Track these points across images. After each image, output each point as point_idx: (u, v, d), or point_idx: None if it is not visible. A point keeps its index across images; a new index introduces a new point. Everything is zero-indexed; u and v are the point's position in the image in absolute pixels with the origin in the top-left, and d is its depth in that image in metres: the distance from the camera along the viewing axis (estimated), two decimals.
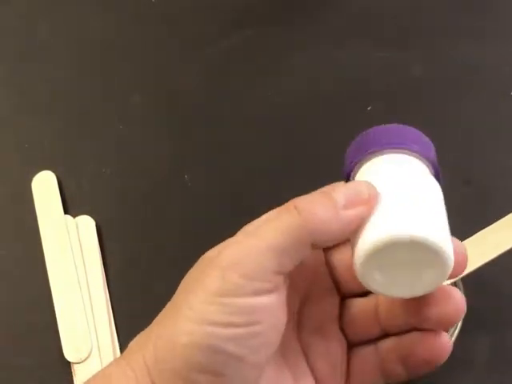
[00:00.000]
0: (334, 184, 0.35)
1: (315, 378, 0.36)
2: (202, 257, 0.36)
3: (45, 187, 0.66)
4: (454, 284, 0.55)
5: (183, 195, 0.67)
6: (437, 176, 0.37)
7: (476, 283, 0.56)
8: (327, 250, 0.38)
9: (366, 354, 0.37)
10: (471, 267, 0.53)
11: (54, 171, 0.67)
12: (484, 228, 0.55)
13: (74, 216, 0.64)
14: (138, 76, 0.75)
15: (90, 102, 0.73)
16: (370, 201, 0.33)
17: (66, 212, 0.64)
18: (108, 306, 0.60)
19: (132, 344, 0.35)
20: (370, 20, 0.79)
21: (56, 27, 0.79)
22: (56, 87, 0.75)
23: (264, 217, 0.35)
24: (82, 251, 0.62)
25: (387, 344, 0.37)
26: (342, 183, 0.35)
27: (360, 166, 0.36)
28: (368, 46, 0.76)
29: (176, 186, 0.68)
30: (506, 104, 0.72)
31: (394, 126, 0.36)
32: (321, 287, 0.37)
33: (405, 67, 0.75)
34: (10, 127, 0.72)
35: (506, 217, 0.55)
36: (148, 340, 0.33)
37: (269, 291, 0.32)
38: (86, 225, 0.64)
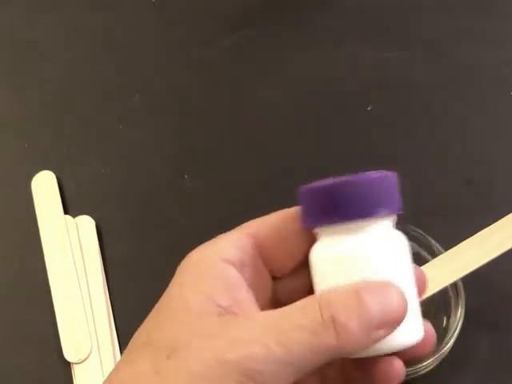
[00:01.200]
0: (365, 283, 0.31)
1: None
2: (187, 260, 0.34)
3: (45, 187, 0.66)
4: (455, 284, 0.55)
5: (183, 195, 0.67)
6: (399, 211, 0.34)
7: (476, 283, 0.56)
8: None
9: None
10: (472, 267, 0.53)
11: (54, 171, 0.67)
12: (484, 228, 0.55)
13: (74, 216, 0.64)
14: (138, 76, 0.75)
15: (90, 101, 0.73)
16: (400, 318, 0.31)
17: (65, 212, 0.64)
18: (108, 306, 0.60)
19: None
20: (370, 20, 0.79)
21: (56, 27, 0.79)
22: (56, 87, 0.75)
23: (295, 312, 0.30)
24: (81, 251, 0.62)
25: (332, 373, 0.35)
26: (372, 284, 0.31)
27: (320, 232, 0.33)
28: (368, 46, 0.76)
29: (176, 186, 0.68)
30: (506, 104, 0.72)
31: (352, 182, 0.32)
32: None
33: (405, 67, 0.75)
34: (10, 127, 0.72)
35: (506, 217, 0.55)
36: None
37: None
38: (86, 225, 0.64)
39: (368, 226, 0.32)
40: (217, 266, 0.33)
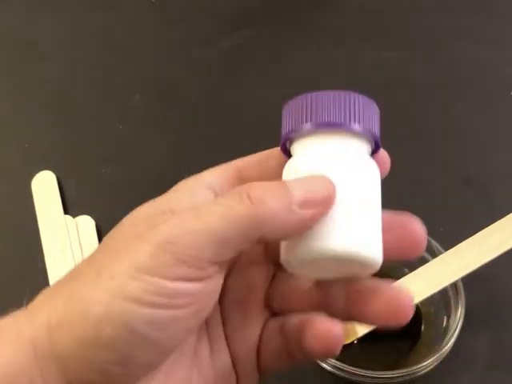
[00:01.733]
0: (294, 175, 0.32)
1: (230, 352, 0.34)
2: (140, 209, 0.34)
3: (45, 187, 0.66)
4: (455, 284, 0.55)
5: None
6: (377, 145, 0.33)
7: (476, 283, 0.56)
8: None
9: (273, 331, 0.34)
10: (471, 267, 0.53)
11: (54, 171, 0.67)
12: (484, 228, 0.55)
13: (74, 216, 0.64)
14: (138, 76, 0.75)
15: (90, 102, 0.73)
16: (327, 203, 0.31)
17: (65, 212, 0.64)
18: None
19: (39, 297, 0.32)
20: (370, 20, 0.79)
21: (56, 27, 0.79)
22: (56, 87, 0.75)
23: (218, 198, 0.32)
24: (81, 251, 0.62)
25: (292, 320, 0.34)
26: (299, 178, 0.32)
27: (296, 141, 0.33)
28: (368, 46, 0.76)
29: None
30: (506, 104, 0.72)
31: (332, 94, 0.33)
32: (250, 257, 0.35)
33: (405, 67, 0.75)
34: (10, 127, 0.72)
35: (506, 217, 0.55)
36: (57, 296, 0.31)
37: (199, 279, 0.30)
38: (86, 225, 0.64)
39: (342, 140, 0.32)
40: (195, 191, 0.34)
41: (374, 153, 0.33)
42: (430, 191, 0.66)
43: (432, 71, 0.74)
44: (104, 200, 0.67)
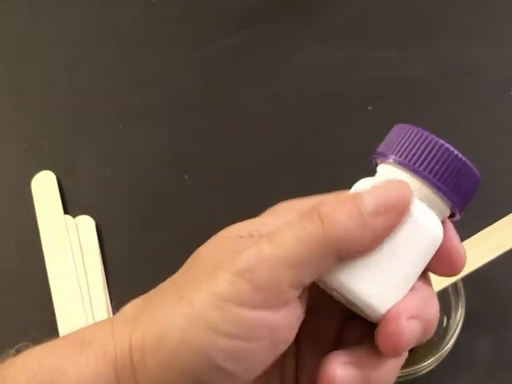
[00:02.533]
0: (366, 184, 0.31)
1: None
2: (231, 228, 0.33)
3: (45, 187, 0.66)
4: (455, 284, 0.55)
5: (183, 195, 0.67)
6: (454, 215, 0.32)
7: (476, 283, 0.56)
8: None
9: None
10: (471, 267, 0.53)
11: (54, 171, 0.67)
12: (484, 228, 0.55)
13: (74, 216, 0.64)
14: (138, 76, 0.75)
15: (89, 102, 0.73)
16: (402, 206, 0.30)
17: (65, 212, 0.64)
18: (108, 306, 0.60)
19: (125, 311, 0.32)
20: (370, 20, 0.79)
21: (56, 27, 0.79)
22: (56, 87, 0.75)
23: (286, 220, 0.31)
24: (81, 251, 0.62)
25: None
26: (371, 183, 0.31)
27: (386, 162, 0.32)
28: (368, 46, 0.76)
29: (176, 186, 0.68)
30: (506, 104, 0.72)
31: (448, 151, 0.30)
32: (330, 300, 0.33)
33: (405, 67, 0.75)
34: (10, 127, 0.72)
35: (506, 217, 0.55)
36: (141, 318, 0.31)
37: (277, 305, 0.29)
38: (86, 225, 0.64)
39: (423, 193, 0.31)
40: (286, 213, 0.33)
41: (452, 216, 0.32)
42: None
43: (432, 71, 0.74)
44: (104, 200, 0.67)
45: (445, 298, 0.55)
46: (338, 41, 0.77)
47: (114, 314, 0.59)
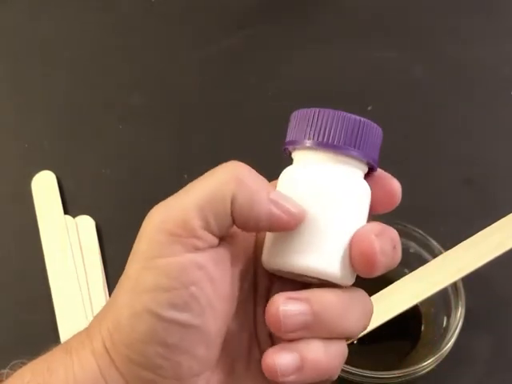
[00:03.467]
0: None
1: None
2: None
3: (45, 187, 0.66)
4: (455, 284, 0.55)
5: None
6: (373, 167, 0.35)
7: (476, 283, 0.56)
8: None
9: None
10: (471, 267, 0.53)
11: (54, 171, 0.67)
12: (484, 228, 0.55)
13: (74, 216, 0.64)
14: (138, 76, 0.75)
15: (90, 102, 0.73)
16: (293, 216, 0.32)
17: (65, 212, 0.64)
18: None
19: (94, 317, 0.34)
20: (370, 20, 0.79)
21: (56, 27, 0.79)
22: (56, 87, 0.75)
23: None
24: (81, 251, 0.62)
25: None
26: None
27: (298, 150, 0.36)
28: (368, 46, 0.76)
29: (176, 186, 0.67)
30: (506, 104, 0.72)
31: (337, 115, 0.34)
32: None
33: (405, 67, 0.75)
34: (9, 127, 0.72)
35: (506, 217, 0.55)
36: (104, 314, 0.33)
37: (200, 249, 0.31)
38: (86, 225, 0.64)
39: (338, 161, 0.34)
40: None
41: (371, 171, 0.35)
42: (430, 191, 0.66)
43: (432, 71, 0.74)
44: (104, 200, 0.67)
45: (445, 297, 0.55)
46: (338, 41, 0.77)
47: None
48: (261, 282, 0.35)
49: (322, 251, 0.33)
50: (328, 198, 0.33)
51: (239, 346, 0.34)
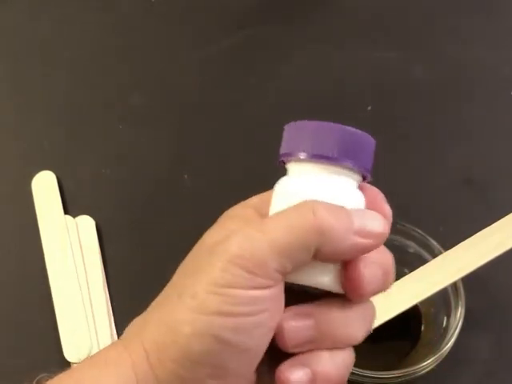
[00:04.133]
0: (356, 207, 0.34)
1: None
2: (202, 240, 0.36)
3: (45, 187, 0.66)
4: (455, 284, 0.55)
5: (183, 195, 0.67)
6: (365, 176, 0.36)
7: (476, 283, 0.56)
8: None
9: None
10: (472, 267, 0.53)
11: (54, 171, 0.67)
12: (484, 228, 0.55)
13: (74, 216, 0.64)
14: (138, 76, 0.75)
15: (90, 102, 0.73)
16: (382, 238, 0.33)
17: (66, 212, 0.64)
18: (108, 306, 0.60)
19: (129, 329, 0.35)
20: (370, 20, 0.79)
21: (56, 27, 0.79)
22: (56, 87, 0.75)
23: (280, 211, 0.34)
24: (81, 251, 0.62)
25: None
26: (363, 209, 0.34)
27: (292, 162, 0.36)
28: (368, 46, 0.76)
29: (176, 186, 0.68)
30: (506, 104, 0.72)
31: (330, 127, 0.35)
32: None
33: (405, 67, 0.75)
34: (10, 127, 0.72)
35: (506, 217, 0.55)
36: (146, 325, 0.33)
37: (268, 287, 0.32)
38: (86, 225, 0.64)
39: (333, 172, 0.34)
40: (237, 210, 0.38)
41: (364, 179, 0.36)
42: (430, 191, 0.66)
43: (432, 71, 0.74)
44: (104, 200, 0.67)
45: (445, 297, 0.56)
46: (338, 41, 0.77)
47: (113, 313, 0.60)
48: None
49: (322, 264, 0.33)
50: None
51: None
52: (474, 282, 0.55)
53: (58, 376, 0.34)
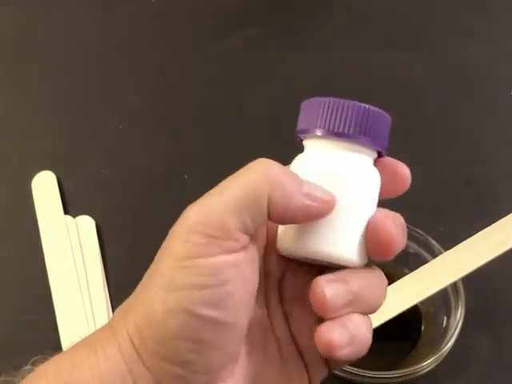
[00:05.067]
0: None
1: (297, 346, 0.36)
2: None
3: (45, 187, 0.66)
4: (455, 284, 0.55)
5: (183, 195, 0.67)
6: (381, 154, 0.36)
7: (476, 283, 0.56)
8: None
9: None
10: (471, 267, 0.53)
11: (54, 171, 0.67)
12: (484, 228, 0.55)
13: (74, 216, 0.64)
14: (138, 76, 0.75)
15: (90, 102, 0.73)
16: (326, 204, 0.33)
17: (66, 212, 0.64)
18: (108, 306, 0.60)
19: (116, 312, 0.35)
20: (371, 20, 0.79)
21: (56, 27, 0.79)
22: (56, 87, 0.75)
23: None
24: (82, 251, 0.62)
25: None
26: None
27: (309, 138, 0.37)
28: (368, 46, 0.76)
29: (176, 186, 0.68)
30: (505, 104, 0.72)
31: (346, 104, 0.35)
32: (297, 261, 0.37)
33: (405, 67, 0.75)
34: (10, 127, 0.72)
35: (506, 217, 0.55)
36: (129, 309, 0.34)
37: (235, 250, 0.32)
38: (86, 225, 0.64)
39: (349, 149, 0.35)
40: None
41: (379, 157, 0.36)
42: (430, 191, 0.66)
43: (432, 71, 0.74)
44: (104, 200, 0.67)
45: (445, 297, 0.56)
46: (338, 41, 0.77)
47: (113, 313, 0.60)
48: (272, 268, 0.36)
49: (337, 238, 0.34)
50: (341, 185, 0.34)
51: (257, 334, 0.35)
52: (474, 282, 0.55)
53: (53, 358, 0.35)
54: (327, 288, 0.33)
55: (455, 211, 0.65)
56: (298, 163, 0.36)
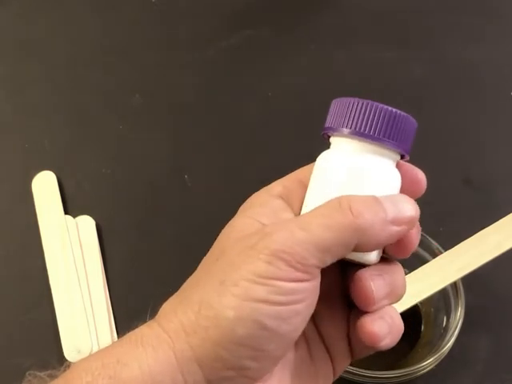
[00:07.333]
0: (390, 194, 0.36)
1: (323, 341, 0.39)
2: (232, 228, 0.37)
3: (45, 187, 0.66)
4: (455, 284, 0.55)
5: (183, 195, 0.67)
6: (403, 156, 0.38)
7: (476, 283, 0.56)
8: None
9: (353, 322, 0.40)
10: (471, 267, 0.53)
11: (54, 171, 0.67)
12: (484, 228, 0.55)
13: (74, 216, 0.64)
14: (138, 76, 0.75)
15: (90, 102, 0.74)
16: (413, 223, 0.36)
17: (66, 212, 0.64)
18: (108, 306, 0.60)
19: (165, 308, 0.36)
20: (370, 20, 0.79)
21: (56, 27, 0.79)
22: (56, 87, 0.75)
23: (317, 208, 0.35)
24: (82, 251, 0.62)
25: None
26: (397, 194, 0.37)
27: (336, 135, 0.38)
28: (368, 45, 0.76)
29: (176, 186, 0.68)
30: (506, 104, 0.72)
31: (375, 107, 0.36)
32: None
33: (405, 67, 0.75)
34: (10, 127, 0.72)
35: (506, 217, 0.55)
36: (185, 306, 0.35)
37: (307, 280, 0.34)
38: (86, 225, 0.64)
39: (373, 151, 0.36)
40: (263, 198, 0.39)
41: (402, 157, 0.38)
42: (429, 191, 0.66)
43: (431, 71, 0.74)
44: (104, 200, 0.67)
45: (445, 297, 0.56)
46: (338, 41, 0.77)
47: (113, 313, 0.60)
48: None
49: None
50: (364, 185, 0.36)
51: None
52: (474, 282, 0.55)
53: (94, 353, 0.35)
54: (373, 282, 0.36)
55: (455, 211, 0.65)
56: (323, 161, 0.37)
